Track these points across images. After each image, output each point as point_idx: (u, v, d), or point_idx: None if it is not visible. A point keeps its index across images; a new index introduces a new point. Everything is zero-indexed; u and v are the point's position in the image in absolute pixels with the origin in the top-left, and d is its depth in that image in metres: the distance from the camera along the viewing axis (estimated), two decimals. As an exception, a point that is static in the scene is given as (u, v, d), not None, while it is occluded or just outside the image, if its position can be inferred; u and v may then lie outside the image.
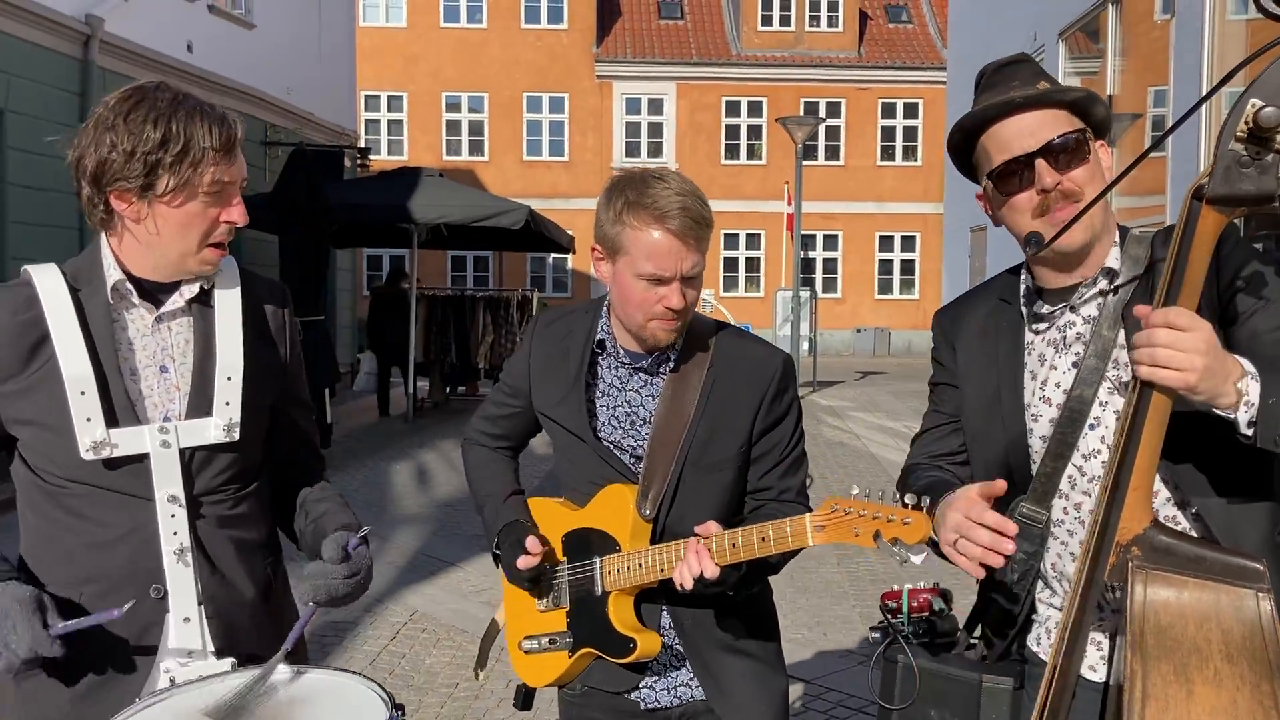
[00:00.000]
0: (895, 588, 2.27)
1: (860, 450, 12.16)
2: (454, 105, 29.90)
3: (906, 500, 1.77)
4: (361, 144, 20.48)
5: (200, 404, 1.93)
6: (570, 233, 17.00)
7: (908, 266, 30.56)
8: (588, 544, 2.19)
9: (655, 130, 29.97)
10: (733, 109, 29.97)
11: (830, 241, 30.15)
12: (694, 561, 1.94)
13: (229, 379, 1.95)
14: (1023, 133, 1.86)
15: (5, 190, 10.62)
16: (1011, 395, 1.98)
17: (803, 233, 17.55)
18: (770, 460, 2.20)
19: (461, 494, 9.81)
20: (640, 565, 2.08)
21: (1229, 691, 1.52)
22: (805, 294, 17.47)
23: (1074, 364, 1.90)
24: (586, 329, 2.26)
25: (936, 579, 2.21)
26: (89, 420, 1.83)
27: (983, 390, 2.02)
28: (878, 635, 2.19)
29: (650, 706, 2.23)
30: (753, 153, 29.98)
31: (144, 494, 1.88)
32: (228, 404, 1.94)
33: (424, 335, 15.20)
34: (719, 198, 26.51)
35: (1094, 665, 1.89)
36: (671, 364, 2.18)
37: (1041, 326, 1.98)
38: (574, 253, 18.59)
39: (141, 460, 1.87)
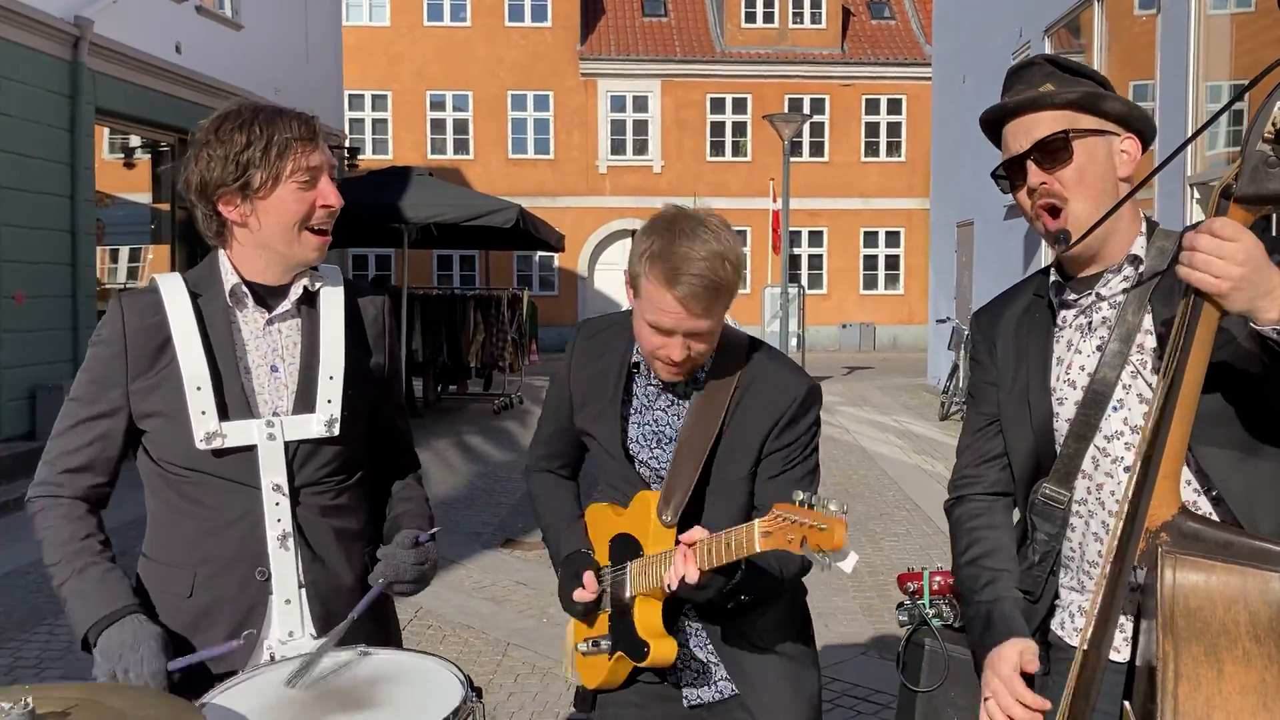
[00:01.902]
0: (914, 569, 2.33)
1: (851, 445, 12.25)
2: (439, 104, 29.85)
3: (831, 506, 1.77)
4: (348, 144, 20.45)
5: (305, 401, 2.09)
6: (560, 232, 17.02)
7: (892, 262, 30.68)
8: (622, 548, 2.25)
9: (640, 128, 29.99)
10: (717, 106, 30.02)
11: (815, 238, 30.23)
12: (679, 564, 1.98)
13: (330, 378, 2.11)
14: (1019, 133, 1.96)
15: (-5, 193, 10.60)
16: (1039, 381, 2.04)
17: (789, 229, 17.60)
18: (773, 472, 2.21)
19: (459, 492, 9.86)
20: (653, 568, 2.13)
21: (1258, 670, 1.58)
22: (793, 290, 17.53)
23: (1098, 347, 1.96)
24: (623, 349, 2.29)
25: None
26: (203, 413, 2.01)
27: (1016, 380, 2.08)
28: (904, 618, 2.24)
29: (694, 705, 2.28)
30: (738, 150, 30.03)
31: (251, 482, 2.04)
32: (329, 401, 2.10)
33: (420, 335, 15.20)
34: (704, 195, 26.56)
35: (1117, 646, 1.93)
36: (700, 387, 2.22)
37: (1069, 314, 2.04)
38: (563, 251, 18.60)
39: (249, 451, 2.03)
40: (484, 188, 22.93)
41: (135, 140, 13.48)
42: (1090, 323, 2.00)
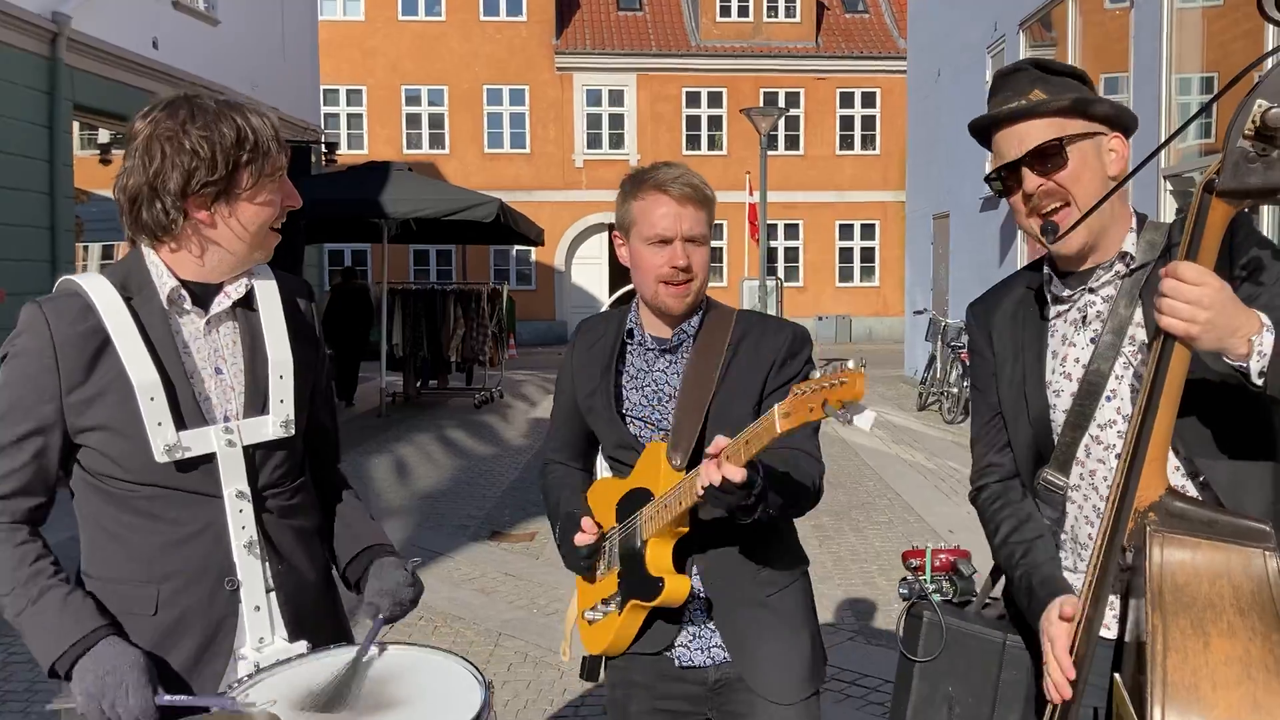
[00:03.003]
0: (917, 546, 2.40)
1: (832, 436, 12.34)
2: (414, 99, 29.77)
3: (849, 364, 1.84)
4: (325, 139, 20.38)
5: (256, 402, 2.01)
6: (539, 226, 17.05)
7: (868, 254, 30.85)
8: (632, 502, 2.33)
9: (616, 121, 30.02)
10: (693, 100, 30.08)
11: (791, 231, 30.36)
12: (713, 470, 2.01)
13: (280, 377, 2.03)
14: (1011, 142, 2.02)
15: (-28, 190, 10.55)
16: (1035, 374, 2.12)
17: (766, 222, 17.69)
18: None
19: (444, 486, 9.89)
20: (667, 504, 2.20)
21: (1242, 642, 1.66)
22: (771, 283, 17.62)
23: (1092, 340, 2.05)
24: (618, 324, 2.46)
25: (959, 540, 2.35)
26: (160, 425, 1.89)
27: (1013, 373, 2.16)
28: (904, 591, 2.32)
29: (685, 665, 2.36)
30: (713, 143, 30.12)
31: (213, 491, 1.95)
32: (282, 401, 2.03)
33: (400, 330, 15.22)
34: (681, 188, 26.55)
35: (1106, 624, 2.02)
36: (693, 341, 2.37)
37: (1063, 308, 2.12)
38: (542, 245, 18.62)
39: (210, 460, 1.94)
40: (460, 183, 22.90)
41: (115, 136, 13.41)
42: (1084, 317, 2.08)
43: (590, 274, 29.86)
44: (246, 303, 2.04)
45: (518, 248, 27.37)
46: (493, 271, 27.95)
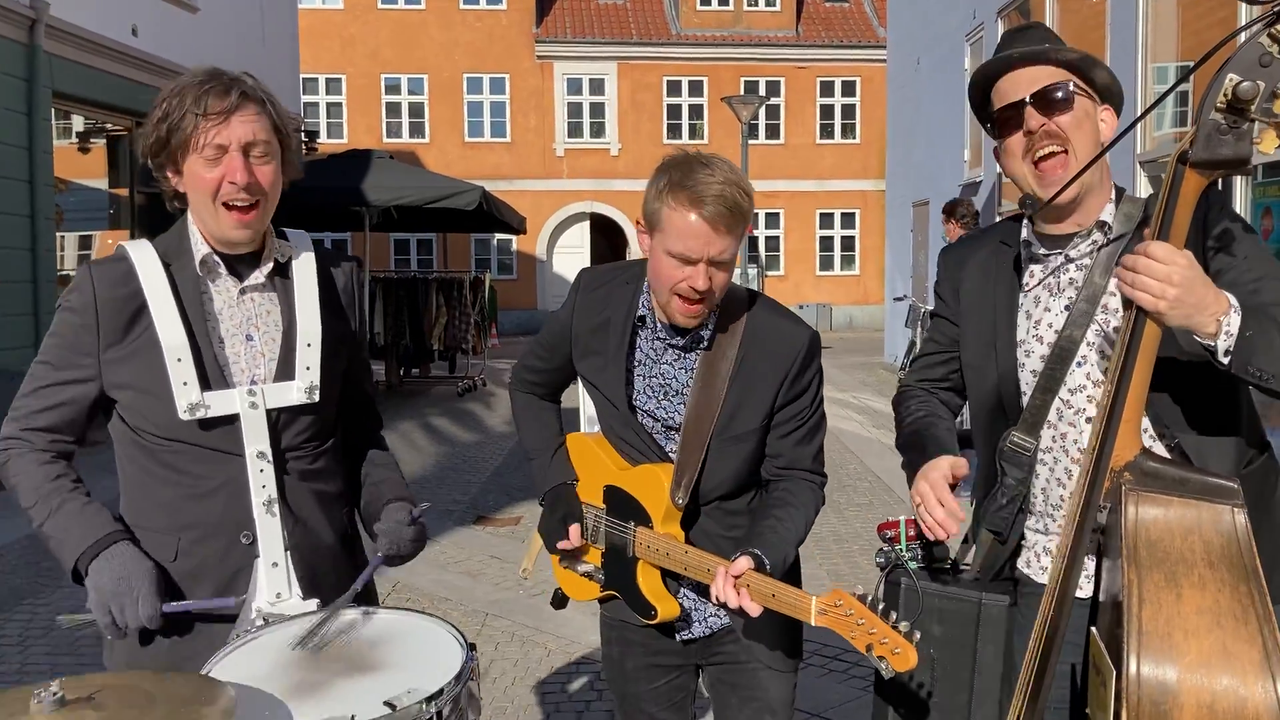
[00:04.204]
0: (891, 519, 2.48)
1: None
2: (393, 87, 29.65)
3: (900, 628, 1.95)
4: (305, 128, 20.31)
5: (284, 369, 2.11)
6: (520, 214, 17.04)
7: (848, 243, 30.94)
8: (625, 506, 2.35)
9: (597, 110, 30.00)
10: (674, 89, 30.08)
11: (772, 219, 30.43)
12: (732, 595, 2.08)
13: (309, 345, 2.14)
14: (1019, 84, 2.08)
15: (-48, 178, 10.49)
16: (1006, 332, 2.19)
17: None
18: (786, 429, 2.32)
19: (428, 472, 9.93)
20: (668, 554, 2.26)
21: (1212, 593, 1.74)
22: (753, 271, 17.68)
23: (1066, 307, 2.12)
24: (628, 301, 2.37)
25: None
26: (185, 384, 2.01)
27: (980, 327, 2.24)
28: (880, 560, 2.39)
29: (685, 640, 2.44)
30: (694, 132, 30.12)
31: (235, 450, 2.05)
32: (308, 369, 2.13)
33: (382, 318, 15.20)
34: (662, 177, 26.57)
35: (1080, 585, 2.10)
36: (705, 343, 2.30)
37: (1037, 269, 2.19)
38: (525, 233, 18.61)
39: (232, 420, 2.05)
40: (441, 171, 22.83)
41: (92, 124, 13.35)
42: (1059, 283, 2.15)
43: (571, 263, 29.83)
44: (284, 273, 2.16)
45: (499, 237, 27.35)
46: (474, 261, 27.90)
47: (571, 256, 29.98)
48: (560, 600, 2.60)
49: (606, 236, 30.35)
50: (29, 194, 11.11)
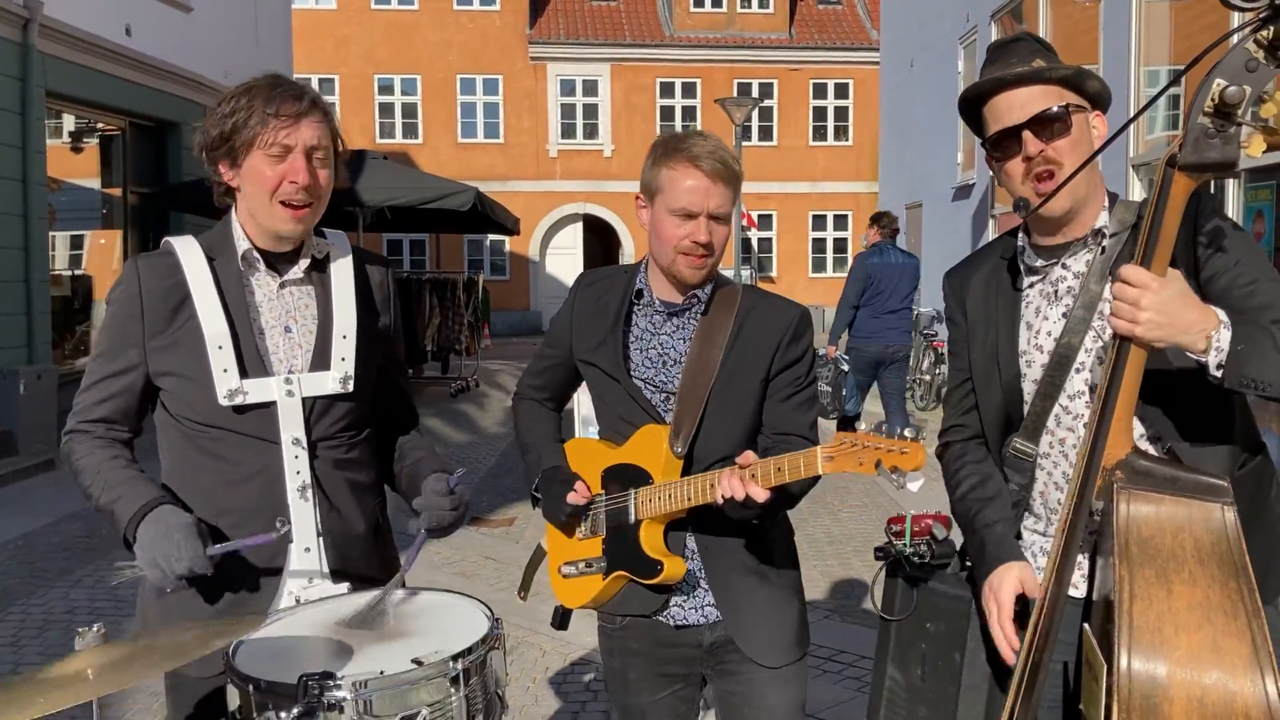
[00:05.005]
0: (900, 514, 2.51)
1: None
2: (387, 88, 29.65)
3: (906, 433, 2.02)
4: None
5: (320, 360, 2.21)
6: (514, 215, 17.05)
7: (840, 245, 30.98)
8: (624, 477, 2.40)
9: (591, 112, 30.02)
10: (667, 90, 30.12)
11: (765, 221, 30.46)
12: (738, 485, 2.13)
13: (344, 337, 2.23)
14: (1013, 106, 2.08)
15: (-55, 177, 10.47)
16: (1008, 343, 2.21)
17: (741, 219, 17.82)
18: (783, 394, 2.40)
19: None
20: (671, 495, 2.29)
21: (1202, 589, 1.76)
22: (746, 273, 17.73)
23: (1064, 314, 2.14)
24: (625, 284, 2.48)
25: (940, 507, 2.45)
26: (225, 371, 2.12)
27: (985, 341, 2.26)
28: (882, 555, 2.42)
29: (680, 624, 2.43)
30: (687, 133, 30.13)
31: (271, 437, 2.15)
32: (343, 360, 2.22)
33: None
34: (655, 178, 26.57)
35: (1075, 584, 2.12)
36: (703, 306, 2.41)
37: (1036, 280, 2.21)
38: (518, 234, 18.61)
39: (269, 407, 2.14)
40: (433, 172, 22.87)
41: (84, 124, 13.33)
42: (1056, 291, 2.17)
43: (565, 264, 29.86)
44: (322, 269, 2.27)
45: (492, 238, 27.35)
46: (467, 261, 27.91)
47: (565, 258, 29.99)
48: (562, 620, 2.59)
49: (600, 238, 30.37)
50: (22, 193, 11.10)
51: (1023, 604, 2.11)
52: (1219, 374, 1.82)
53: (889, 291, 9.46)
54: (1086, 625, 1.90)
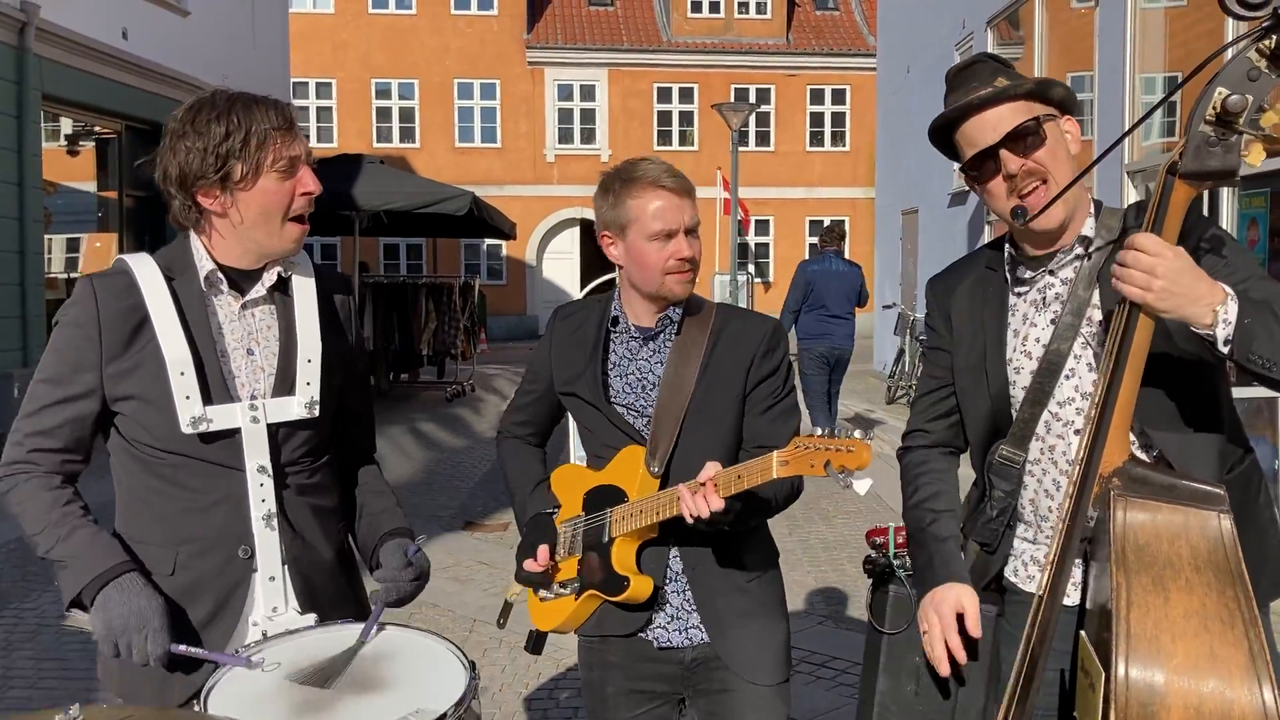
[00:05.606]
0: (880, 525, 2.49)
1: (804, 429, 12.42)
2: (384, 92, 29.65)
3: (856, 434, 2.04)
4: (295, 131, 20.25)
5: (284, 384, 2.11)
6: (510, 219, 17.04)
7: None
8: (602, 498, 2.40)
9: (588, 116, 30.03)
10: (664, 95, 30.14)
11: (761, 226, 30.48)
12: (699, 503, 2.13)
13: (309, 361, 2.13)
14: (985, 128, 2.08)
15: (-59, 180, 10.45)
16: (996, 352, 2.21)
17: (738, 217, 17.82)
18: (761, 407, 2.41)
19: (417, 477, 9.93)
20: (642, 511, 2.29)
21: (1198, 596, 1.76)
22: (742, 278, 17.74)
23: (1052, 321, 2.14)
24: (600, 313, 2.50)
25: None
26: (188, 398, 2.00)
27: (971, 350, 2.25)
28: (869, 568, 2.41)
29: (663, 646, 2.42)
30: (685, 139, 30.19)
31: (235, 464, 2.05)
32: (308, 384, 2.12)
33: (370, 322, 15.18)
34: (652, 184, 26.58)
35: (1068, 592, 2.11)
36: (675, 327, 2.42)
37: (1023, 289, 2.21)
38: (515, 239, 18.60)
39: (233, 434, 2.04)
40: (430, 176, 22.87)
41: (81, 127, 13.33)
42: (1044, 299, 2.17)
43: (561, 269, 29.86)
44: (284, 290, 2.15)
45: (489, 242, 27.33)
46: (463, 266, 27.88)
47: (561, 262, 30.00)
48: (536, 644, 2.57)
49: (596, 243, 30.34)
50: (18, 196, 11.08)
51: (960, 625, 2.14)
52: (1226, 349, 1.80)
53: (829, 297, 10.12)
54: (1083, 633, 1.90)
